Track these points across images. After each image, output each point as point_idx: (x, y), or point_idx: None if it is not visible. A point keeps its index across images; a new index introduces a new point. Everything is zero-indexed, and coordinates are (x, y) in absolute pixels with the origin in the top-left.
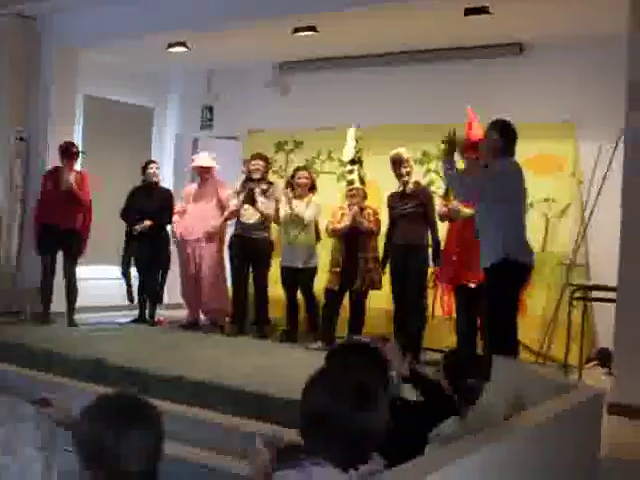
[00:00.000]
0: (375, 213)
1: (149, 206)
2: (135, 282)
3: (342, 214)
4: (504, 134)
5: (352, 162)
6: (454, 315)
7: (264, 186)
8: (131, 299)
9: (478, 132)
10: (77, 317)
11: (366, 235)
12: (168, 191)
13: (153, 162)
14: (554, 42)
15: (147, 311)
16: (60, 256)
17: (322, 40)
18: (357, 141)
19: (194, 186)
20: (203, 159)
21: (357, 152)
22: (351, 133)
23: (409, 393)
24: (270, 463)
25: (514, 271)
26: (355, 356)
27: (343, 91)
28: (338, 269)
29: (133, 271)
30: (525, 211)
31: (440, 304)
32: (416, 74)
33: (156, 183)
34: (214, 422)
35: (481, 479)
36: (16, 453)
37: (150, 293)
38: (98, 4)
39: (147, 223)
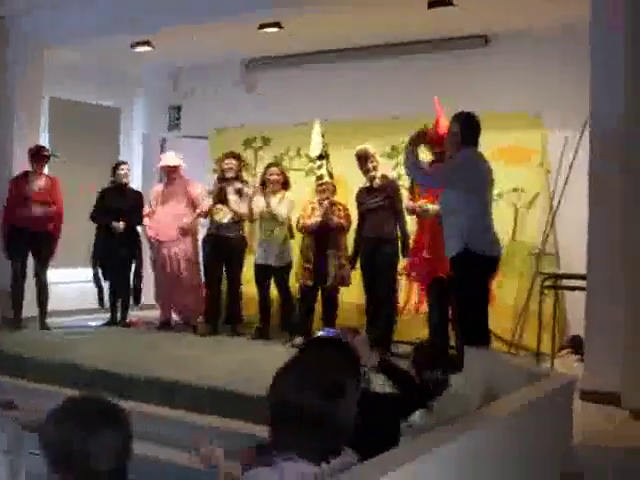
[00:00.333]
0: (345, 208)
1: (120, 207)
2: (105, 284)
3: (312, 209)
4: (465, 125)
5: (320, 157)
6: (425, 310)
7: (238, 185)
8: (102, 302)
9: (445, 125)
10: (49, 321)
11: (336, 231)
12: (138, 192)
13: (124, 163)
14: (519, 33)
15: (119, 313)
16: (30, 260)
17: (288, 36)
18: (323, 136)
19: (161, 187)
20: (170, 158)
21: (324, 147)
22: (316, 128)
23: (381, 384)
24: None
25: (478, 262)
26: (325, 349)
27: (310, 87)
28: (309, 265)
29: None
30: (490, 201)
31: (411, 298)
32: (382, 68)
33: (126, 184)
34: (187, 421)
35: (456, 468)
36: None
37: (122, 295)
38: (64, 3)
39: (121, 224)
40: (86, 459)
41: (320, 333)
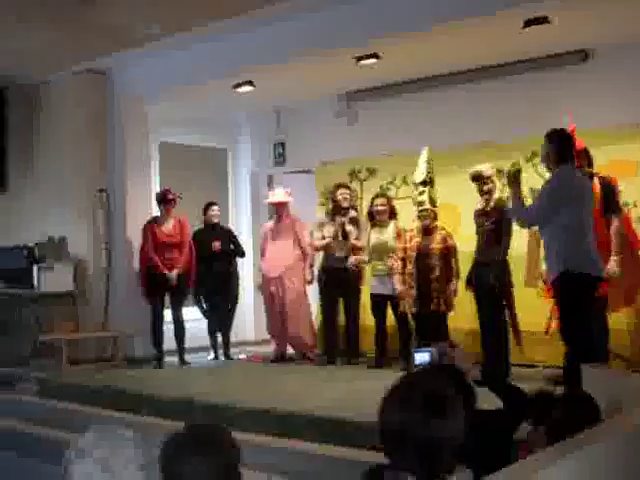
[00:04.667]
0: (447, 234)
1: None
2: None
3: (411, 237)
4: (557, 142)
5: (423, 183)
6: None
7: (353, 213)
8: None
9: (581, 140)
10: (167, 360)
11: (435, 258)
12: (229, 230)
13: (214, 204)
14: (617, 45)
15: (222, 349)
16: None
17: (384, 66)
18: (429, 162)
19: (271, 223)
20: (278, 195)
21: (429, 173)
22: (424, 154)
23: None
24: None
25: (577, 283)
26: (430, 369)
27: (409, 115)
28: (413, 291)
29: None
30: (589, 219)
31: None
32: (480, 91)
33: (217, 223)
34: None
35: None
36: (117, 472)
37: (224, 329)
38: (163, 55)
39: (216, 244)
40: None
41: (415, 354)
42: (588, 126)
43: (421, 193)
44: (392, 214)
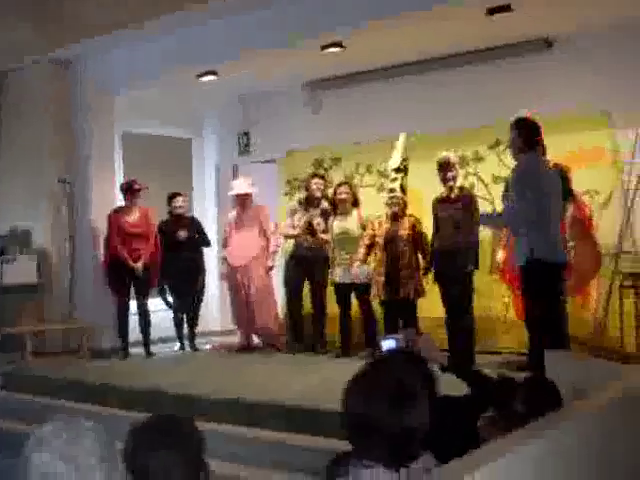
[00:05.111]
0: (416, 220)
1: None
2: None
3: (379, 223)
4: (522, 130)
5: (397, 170)
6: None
7: (325, 204)
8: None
9: None
10: (133, 351)
11: (404, 244)
12: (194, 219)
13: (179, 195)
14: (580, 33)
15: (187, 339)
16: None
17: (349, 56)
18: (405, 149)
19: (234, 214)
20: (240, 186)
21: (404, 160)
22: (400, 140)
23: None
24: None
25: (544, 271)
26: (392, 358)
27: (374, 103)
28: (382, 279)
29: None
30: (556, 207)
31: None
32: (446, 80)
33: (182, 214)
34: (269, 440)
35: (543, 466)
36: (76, 462)
37: (190, 320)
38: (129, 44)
39: (182, 233)
40: (160, 474)
41: (383, 341)
42: (552, 113)
43: (393, 180)
44: (355, 202)
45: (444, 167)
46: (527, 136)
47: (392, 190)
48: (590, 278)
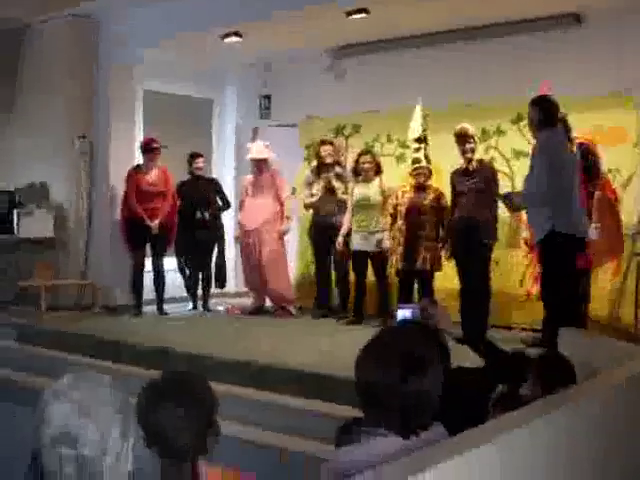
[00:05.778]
0: (440, 194)
1: (199, 198)
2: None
3: (403, 193)
4: (542, 107)
5: (418, 140)
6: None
7: (338, 169)
8: (188, 290)
9: None
10: (146, 309)
11: (427, 214)
12: (214, 179)
13: (200, 155)
14: (609, 10)
15: (200, 301)
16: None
17: (375, 22)
18: (423, 119)
19: (251, 177)
20: (257, 151)
21: (424, 130)
22: (417, 111)
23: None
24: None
25: (563, 243)
26: (406, 327)
27: (397, 72)
28: (401, 248)
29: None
30: (575, 180)
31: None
32: (470, 51)
33: (202, 175)
34: (278, 404)
35: (549, 443)
36: (94, 414)
37: (204, 282)
38: (151, 2)
39: (202, 214)
40: (170, 430)
41: (398, 311)
42: (575, 92)
43: (417, 150)
44: (378, 171)
45: (462, 138)
46: (546, 113)
47: (417, 160)
48: (612, 259)
